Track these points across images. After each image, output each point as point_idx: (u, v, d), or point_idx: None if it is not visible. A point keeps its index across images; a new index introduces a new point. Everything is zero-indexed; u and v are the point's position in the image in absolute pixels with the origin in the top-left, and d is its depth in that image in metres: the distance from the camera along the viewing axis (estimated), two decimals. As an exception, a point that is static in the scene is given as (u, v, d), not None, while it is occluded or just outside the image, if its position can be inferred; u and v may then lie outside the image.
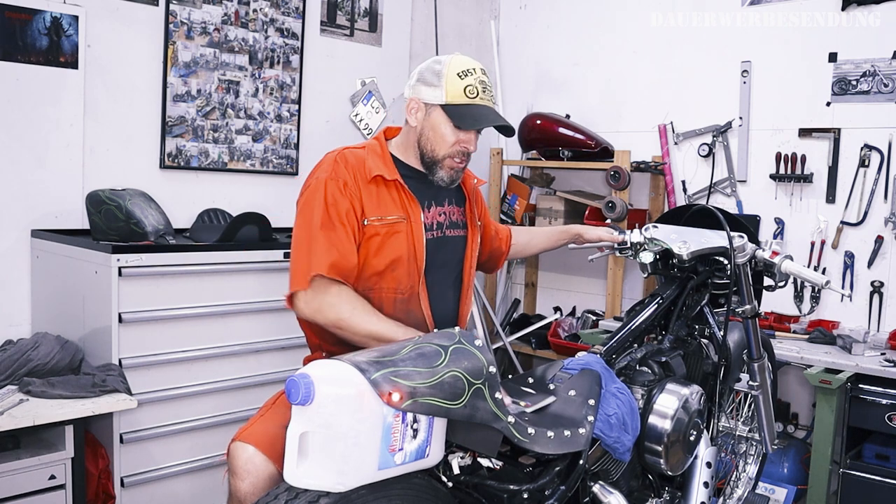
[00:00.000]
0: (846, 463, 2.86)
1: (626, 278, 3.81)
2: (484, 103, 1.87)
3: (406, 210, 1.90)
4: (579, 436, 1.54)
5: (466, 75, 1.86)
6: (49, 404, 2.26)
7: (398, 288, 1.89)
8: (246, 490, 1.63)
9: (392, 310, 1.89)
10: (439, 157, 1.89)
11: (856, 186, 3.28)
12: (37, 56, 2.73)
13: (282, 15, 3.43)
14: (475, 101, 1.85)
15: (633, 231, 2.07)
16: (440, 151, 1.89)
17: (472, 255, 2.04)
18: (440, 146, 1.89)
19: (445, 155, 1.89)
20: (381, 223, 1.86)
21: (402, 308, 1.90)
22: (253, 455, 1.65)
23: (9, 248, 2.73)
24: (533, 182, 4.20)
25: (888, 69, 3.19)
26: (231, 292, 2.73)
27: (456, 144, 1.88)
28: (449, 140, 1.88)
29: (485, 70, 1.92)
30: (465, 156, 1.91)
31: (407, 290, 1.90)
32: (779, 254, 1.96)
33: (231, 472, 1.67)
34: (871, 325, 3.25)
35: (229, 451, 1.69)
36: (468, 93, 1.85)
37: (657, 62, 3.85)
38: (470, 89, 1.85)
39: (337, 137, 3.64)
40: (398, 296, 1.89)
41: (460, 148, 1.89)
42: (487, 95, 1.88)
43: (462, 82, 1.85)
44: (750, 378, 2.13)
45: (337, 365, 1.32)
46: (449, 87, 1.85)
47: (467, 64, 1.88)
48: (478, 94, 1.86)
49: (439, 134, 1.88)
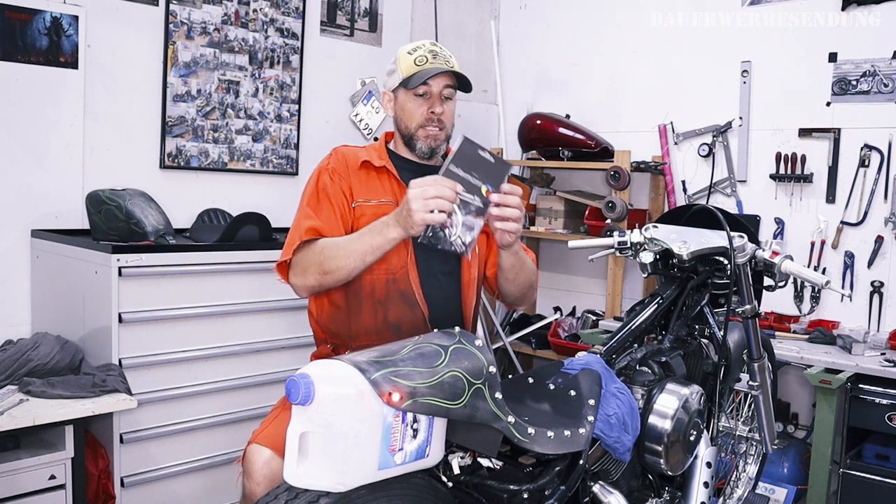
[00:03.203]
0: (846, 463, 2.86)
1: (626, 278, 3.81)
2: (434, 66, 1.94)
3: (394, 195, 1.97)
4: (579, 436, 1.54)
5: (415, 50, 1.97)
6: (49, 404, 2.26)
7: (389, 268, 1.92)
8: (261, 493, 1.63)
9: (385, 291, 1.92)
10: (413, 130, 1.99)
11: (856, 186, 3.28)
12: (37, 56, 2.73)
13: (282, 15, 3.43)
14: (425, 66, 1.94)
15: (633, 231, 2.07)
16: (412, 124, 1.98)
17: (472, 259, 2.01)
18: (410, 120, 1.98)
19: (417, 125, 1.98)
20: (368, 204, 1.94)
21: (394, 289, 1.92)
22: (270, 459, 1.67)
23: (9, 248, 2.74)
24: (533, 182, 4.20)
25: (888, 69, 3.19)
26: (231, 292, 2.73)
27: (421, 110, 1.96)
28: (415, 111, 1.97)
29: (436, 43, 2.02)
30: (436, 121, 1.97)
31: (398, 270, 1.92)
32: (779, 254, 1.96)
33: (246, 475, 1.68)
34: (871, 325, 3.25)
35: (245, 454, 1.70)
36: (417, 62, 1.95)
37: (657, 62, 3.85)
38: (419, 58, 1.95)
39: (337, 137, 3.64)
40: (389, 276, 1.92)
41: (427, 114, 1.96)
42: (440, 60, 1.96)
43: (412, 56, 1.96)
44: (750, 378, 2.13)
45: (337, 365, 1.31)
46: (402, 66, 1.96)
47: (417, 42, 2.00)
48: (427, 61, 1.94)
49: (406, 110, 1.98)
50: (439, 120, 1.98)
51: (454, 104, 2.03)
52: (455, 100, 2.03)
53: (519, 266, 1.95)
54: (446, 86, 1.98)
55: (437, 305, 1.96)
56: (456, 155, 1.65)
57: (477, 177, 1.66)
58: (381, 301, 1.92)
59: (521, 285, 2.01)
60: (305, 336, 2.75)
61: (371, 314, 1.93)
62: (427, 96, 1.97)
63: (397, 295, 1.92)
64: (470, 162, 1.66)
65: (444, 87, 1.97)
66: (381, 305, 1.93)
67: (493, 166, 1.67)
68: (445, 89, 1.98)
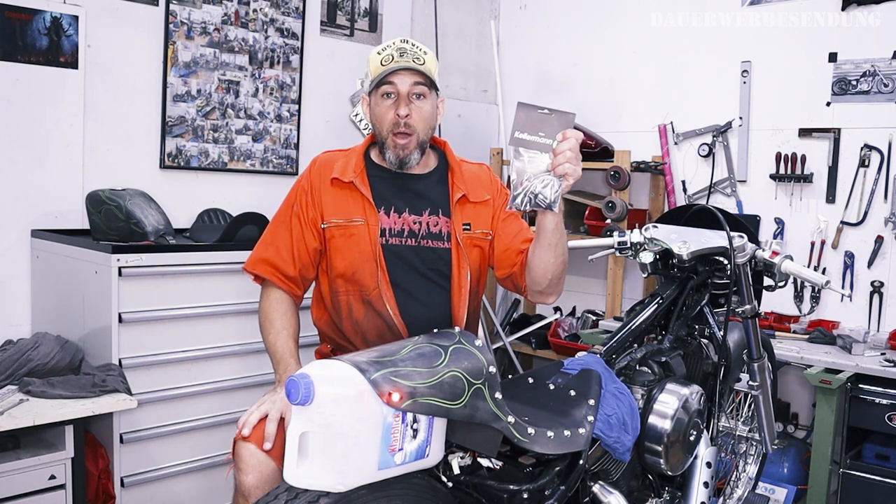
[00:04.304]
0: (846, 463, 2.86)
1: (626, 278, 3.81)
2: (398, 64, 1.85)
3: (364, 213, 1.91)
4: (579, 436, 1.54)
5: (384, 49, 1.88)
6: (49, 404, 2.26)
7: (362, 290, 1.91)
8: (250, 483, 1.64)
9: (361, 311, 1.91)
10: (384, 136, 1.91)
11: (856, 186, 3.28)
12: (37, 56, 2.73)
13: (282, 15, 3.43)
14: (390, 65, 1.85)
15: (633, 231, 2.07)
16: (383, 130, 1.91)
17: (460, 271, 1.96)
18: (381, 125, 1.91)
19: (388, 131, 1.90)
20: (337, 226, 1.91)
21: (370, 308, 1.91)
22: (255, 451, 1.66)
23: (9, 248, 2.74)
24: (533, 182, 4.19)
25: (888, 69, 3.19)
26: (231, 292, 2.73)
27: (390, 114, 1.88)
28: (384, 115, 1.89)
29: (407, 40, 1.91)
30: (402, 126, 1.87)
31: (371, 291, 1.90)
32: (779, 254, 1.96)
33: (236, 467, 1.68)
34: (871, 325, 3.25)
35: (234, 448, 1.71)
36: (384, 62, 1.86)
37: (657, 62, 3.85)
38: (385, 58, 1.87)
39: (337, 137, 3.65)
40: (364, 296, 1.91)
41: (393, 118, 1.87)
42: (407, 58, 1.85)
43: (379, 57, 1.88)
44: (750, 378, 2.13)
45: (337, 365, 1.32)
46: (372, 69, 1.89)
47: (388, 41, 1.91)
48: (392, 59, 1.86)
49: (377, 114, 1.91)
50: (406, 125, 1.86)
51: (430, 103, 1.91)
52: (430, 97, 1.91)
53: (561, 232, 1.81)
54: (415, 83, 1.86)
55: (419, 319, 1.90)
56: (515, 124, 1.62)
57: (544, 135, 1.62)
58: (359, 321, 1.92)
59: (559, 258, 1.83)
60: (305, 336, 2.74)
61: (352, 332, 1.94)
62: (394, 97, 1.87)
63: (373, 314, 1.91)
64: (532, 123, 1.62)
65: (412, 85, 1.86)
66: (358, 326, 1.93)
67: (555, 120, 1.63)
68: (415, 87, 1.86)
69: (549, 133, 1.63)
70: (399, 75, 1.86)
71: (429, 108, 1.91)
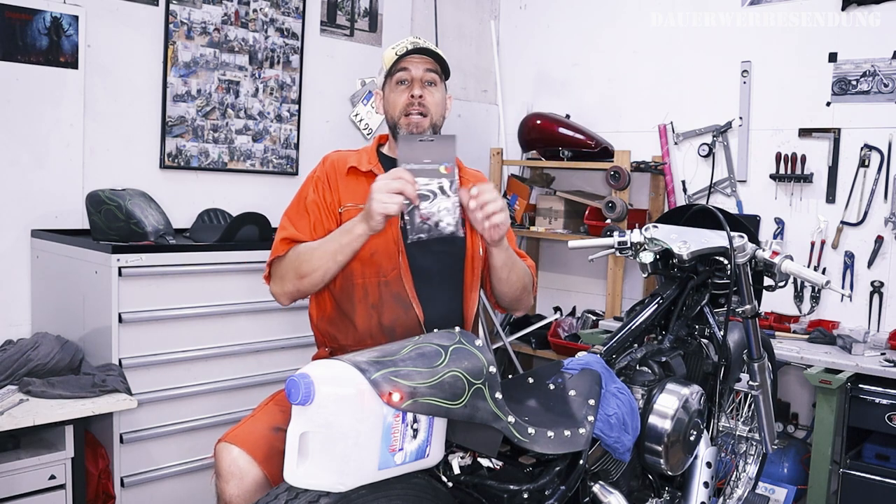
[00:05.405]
0: (846, 463, 2.86)
1: (626, 278, 3.81)
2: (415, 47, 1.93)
3: None
4: (579, 436, 1.54)
5: (398, 44, 1.96)
6: (49, 404, 2.26)
7: (380, 271, 1.90)
8: (231, 493, 1.62)
9: (377, 294, 1.90)
10: (397, 118, 1.95)
11: (856, 186, 3.28)
12: (37, 56, 2.73)
13: (282, 15, 3.43)
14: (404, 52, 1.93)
15: (634, 231, 2.07)
16: (396, 112, 1.95)
17: (473, 259, 2.00)
18: (394, 108, 1.96)
19: (400, 114, 1.94)
20: (356, 208, 1.90)
21: (387, 291, 1.90)
22: (237, 457, 1.64)
23: (9, 248, 2.74)
24: (533, 182, 4.20)
25: (888, 69, 3.19)
26: (231, 292, 2.73)
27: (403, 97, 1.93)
28: (397, 99, 1.94)
29: (421, 38, 2.00)
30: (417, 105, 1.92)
31: (389, 272, 1.90)
32: (779, 254, 1.96)
33: (216, 474, 1.66)
34: (871, 325, 3.25)
35: (215, 453, 1.69)
36: (398, 52, 1.94)
37: (657, 62, 3.85)
38: (399, 49, 1.94)
39: (337, 137, 3.65)
40: (381, 278, 1.90)
41: (408, 100, 1.93)
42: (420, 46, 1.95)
43: (393, 49, 1.96)
44: (750, 378, 2.13)
45: (337, 365, 1.32)
46: (386, 60, 1.96)
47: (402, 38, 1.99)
48: (406, 49, 1.93)
49: (390, 101, 1.97)
50: (421, 104, 1.92)
51: (441, 92, 1.98)
52: (441, 88, 1.99)
53: (510, 265, 1.91)
54: (428, 69, 1.95)
55: (435, 307, 1.93)
56: (400, 157, 1.68)
57: (429, 161, 1.67)
58: (375, 304, 1.91)
59: (514, 286, 1.96)
60: (305, 336, 2.75)
61: (365, 318, 1.92)
62: (408, 83, 1.94)
63: (390, 297, 1.90)
64: (416, 152, 1.68)
65: (424, 71, 1.94)
66: (374, 309, 1.91)
67: (438, 145, 1.70)
68: (427, 74, 1.95)
69: (435, 158, 1.69)
70: (412, 62, 1.94)
71: (440, 96, 1.99)
